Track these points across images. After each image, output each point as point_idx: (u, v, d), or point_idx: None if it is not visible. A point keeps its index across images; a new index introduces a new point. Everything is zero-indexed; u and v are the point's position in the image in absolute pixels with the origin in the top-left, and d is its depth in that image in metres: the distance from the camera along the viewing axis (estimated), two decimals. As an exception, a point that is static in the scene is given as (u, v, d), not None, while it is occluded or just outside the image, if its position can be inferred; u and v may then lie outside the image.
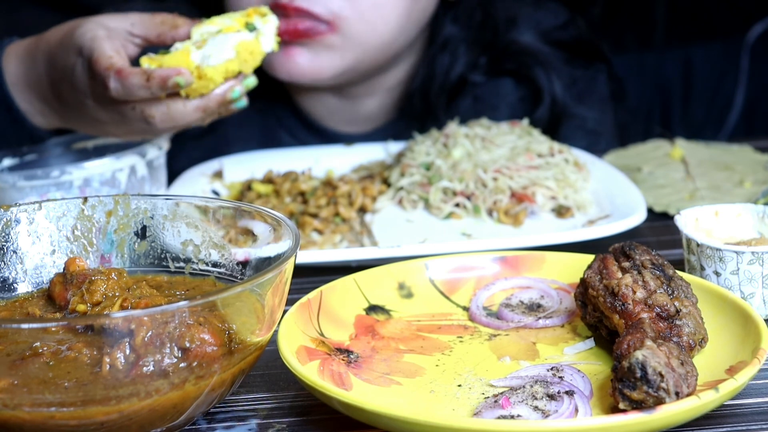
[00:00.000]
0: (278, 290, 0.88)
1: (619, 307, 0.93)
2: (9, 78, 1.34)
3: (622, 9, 2.78)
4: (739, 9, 2.69)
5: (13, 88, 1.34)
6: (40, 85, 1.33)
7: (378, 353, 0.98)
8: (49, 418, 0.80)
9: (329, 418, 0.90)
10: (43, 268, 1.01)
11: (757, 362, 0.86)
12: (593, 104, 1.73)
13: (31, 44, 1.35)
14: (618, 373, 0.83)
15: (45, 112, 1.35)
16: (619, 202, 1.36)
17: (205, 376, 0.83)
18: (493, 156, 1.43)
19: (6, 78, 1.34)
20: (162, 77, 1.20)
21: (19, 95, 1.34)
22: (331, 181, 1.43)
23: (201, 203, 1.03)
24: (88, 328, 0.85)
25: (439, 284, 1.09)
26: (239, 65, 1.24)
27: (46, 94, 1.33)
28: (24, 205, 1.00)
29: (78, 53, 1.26)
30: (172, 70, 1.20)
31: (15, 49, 1.36)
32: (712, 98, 2.62)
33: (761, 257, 1.03)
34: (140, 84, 1.20)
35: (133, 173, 1.34)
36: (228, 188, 1.50)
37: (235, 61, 1.24)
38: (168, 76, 1.20)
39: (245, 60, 1.25)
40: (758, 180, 1.46)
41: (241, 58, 1.24)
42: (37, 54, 1.33)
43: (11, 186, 1.30)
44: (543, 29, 1.71)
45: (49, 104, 1.34)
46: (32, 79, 1.33)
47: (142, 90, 1.20)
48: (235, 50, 1.24)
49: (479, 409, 0.87)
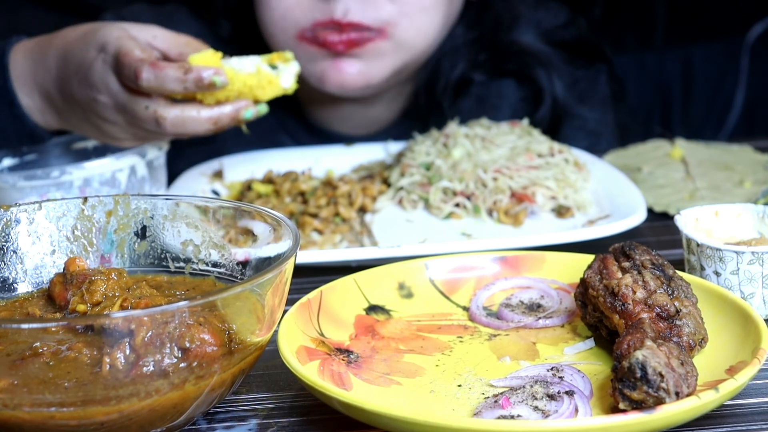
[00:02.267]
0: (278, 290, 0.88)
1: (619, 307, 0.93)
2: (14, 73, 1.34)
3: (622, 9, 2.79)
4: (739, 9, 2.69)
5: (17, 83, 1.34)
6: (44, 79, 1.33)
7: (378, 353, 0.98)
8: (49, 418, 0.80)
9: (329, 418, 0.90)
10: (43, 268, 1.01)
11: (757, 362, 0.86)
12: (594, 104, 1.73)
13: (44, 41, 1.36)
14: (618, 373, 0.83)
15: (44, 110, 1.35)
16: (619, 202, 1.36)
17: (205, 376, 0.83)
18: (493, 156, 1.44)
19: (12, 73, 1.34)
20: (200, 73, 1.21)
21: (22, 90, 1.35)
22: (331, 181, 1.43)
23: (201, 203, 1.03)
24: (88, 328, 0.85)
25: (439, 284, 1.09)
26: (257, 83, 1.26)
27: (49, 90, 1.33)
28: (24, 205, 1.00)
29: (100, 49, 1.26)
30: (210, 68, 1.21)
31: (24, 46, 1.37)
32: (712, 98, 2.62)
33: (761, 257, 1.03)
34: (176, 76, 1.20)
35: (133, 173, 1.34)
36: (228, 188, 1.50)
37: (254, 76, 1.25)
38: (206, 73, 1.21)
39: (263, 86, 1.27)
40: (758, 180, 1.46)
41: (259, 78, 1.26)
42: (48, 50, 1.33)
43: (11, 186, 1.30)
44: (544, 29, 1.72)
45: (51, 101, 1.34)
46: (38, 73, 1.33)
47: (176, 83, 1.21)
48: (257, 69, 1.26)
49: (479, 409, 0.87)
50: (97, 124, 1.31)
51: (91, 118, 1.31)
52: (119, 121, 1.28)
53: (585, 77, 1.73)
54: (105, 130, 1.31)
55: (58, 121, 1.36)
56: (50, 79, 1.32)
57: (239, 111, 1.25)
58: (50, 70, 1.32)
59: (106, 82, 1.26)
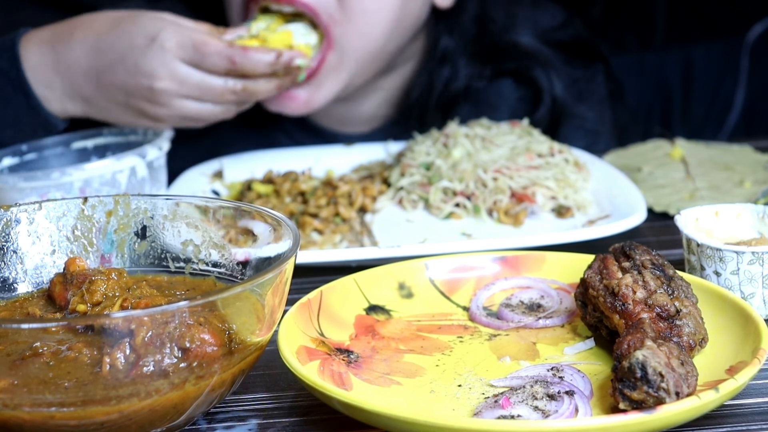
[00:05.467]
0: (278, 290, 0.88)
1: (619, 307, 0.93)
2: (29, 63, 1.36)
3: (622, 9, 2.79)
4: (739, 9, 2.69)
5: (32, 73, 1.36)
6: (71, 70, 1.35)
7: (378, 353, 0.98)
8: (49, 418, 0.80)
9: (329, 418, 0.90)
10: (43, 268, 1.01)
11: (757, 362, 0.86)
12: (593, 104, 1.73)
13: (61, 31, 1.37)
14: (618, 373, 0.83)
15: (67, 99, 1.37)
16: (619, 202, 1.36)
17: (205, 376, 0.83)
18: (493, 156, 1.44)
19: (25, 64, 1.35)
20: (289, 58, 1.31)
21: (38, 81, 1.36)
22: (331, 181, 1.43)
23: (201, 203, 1.03)
24: (88, 328, 0.85)
25: (439, 284, 1.09)
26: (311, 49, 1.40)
27: (77, 80, 1.35)
28: (24, 205, 1.00)
29: (151, 38, 1.30)
30: (295, 52, 1.32)
31: (38, 36, 1.38)
32: (712, 98, 2.62)
33: (761, 257, 1.03)
34: (268, 61, 1.30)
35: (133, 174, 1.34)
36: (228, 188, 1.50)
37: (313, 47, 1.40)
38: (293, 57, 1.31)
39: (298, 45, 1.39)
40: (758, 180, 1.46)
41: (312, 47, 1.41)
42: (71, 40, 1.35)
43: (11, 187, 1.30)
44: (541, 29, 1.71)
45: (79, 90, 1.36)
46: (61, 63, 1.35)
47: (267, 67, 1.30)
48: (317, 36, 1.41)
49: (479, 409, 0.87)
50: (142, 108, 1.35)
51: (136, 104, 1.35)
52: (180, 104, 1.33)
53: (583, 77, 1.73)
54: (150, 113, 1.36)
55: (83, 109, 1.39)
56: (79, 69, 1.35)
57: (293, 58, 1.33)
58: (78, 60, 1.35)
59: (170, 69, 1.30)
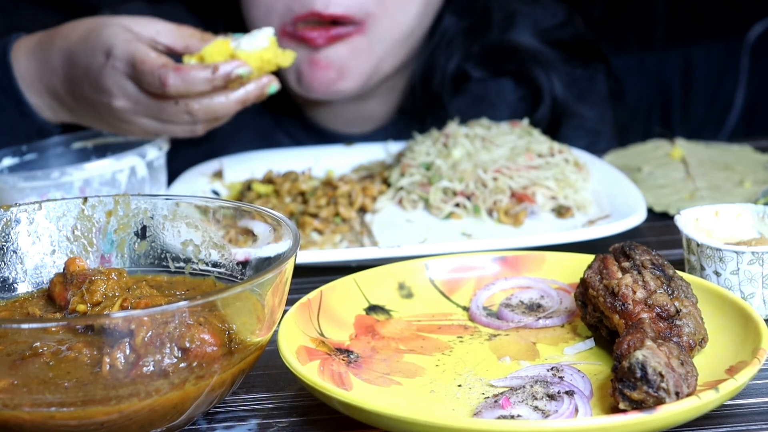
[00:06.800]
0: (278, 290, 0.88)
1: (619, 307, 0.93)
2: (19, 72, 1.34)
3: (622, 9, 2.79)
4: (739, 9, 2.69)
5: (23, 82, 1.34)
6: (52, 80, 1.33)
7: (378, 353, 0.98)
8: (49, 418, 0.80)
9: (329, 418, 0.90)
10: (43, 268, 1.01)
11: (757, 362, 0.86)
12: (593, 103, 1.73)
13: (44, 39, 1.35)
14: (618, 373, 0.83)
15: (54, 107, 1.36)
16: (619, 202, 1.36)
17: (205, 376, 0.83)
18: (493, 156, 1.44)
19: (15, 72, 1.34)
20: (227, 70, 1.24)
21: (28, 89, 1.35)
22: (331, 181, 1.43)
23: (201, 203, 1.03)
24: (88, 328, 0.85)
25: (439, 284, 1.09)
26: (274, 55, 1.28)
27: (57, 90, 1.33)
28: (24, 205, 1.00)
29: (106, 54, 1.26)
30: (234, 63, 1.25)
31: (25, 44, 1.36)
32: (712, 98, 2.62)
33: (761, 257, 1.03)
34: (204, 77, 1.23)
35: (133, 174, 1.34)
36: (228, 188, 1.50)
37: (269, 50, 1.28)
38: (232, 69, 1.24)
39: (278, 54, 1.29)
40: (758, 180, 1.46)
41: (274, 48, 1.29)
42: (51, 50, 1.33)
43: (11, 187, 1.30)
44: (541, 28, 1.71)
45: (60, 100, 1.34)
46: (45, 74, 1.34)
47: (205, 83, 1.24)
48: (269, 41, 1.29)
49: (479, 409, 0.87)
50: (113, 123, 1.32)
51: (106, 119, 1.32)
52: (140, 121, 1.29)
53: (583, 76, 1.73)
54: (122, 128, 1.33)
55: (70, 117, 1.37)
56: (58, 80, 1.33)
57: (263, 88, 1.28)
58: (56, 71, 1.33)
59: (122, 88, 1.27)
